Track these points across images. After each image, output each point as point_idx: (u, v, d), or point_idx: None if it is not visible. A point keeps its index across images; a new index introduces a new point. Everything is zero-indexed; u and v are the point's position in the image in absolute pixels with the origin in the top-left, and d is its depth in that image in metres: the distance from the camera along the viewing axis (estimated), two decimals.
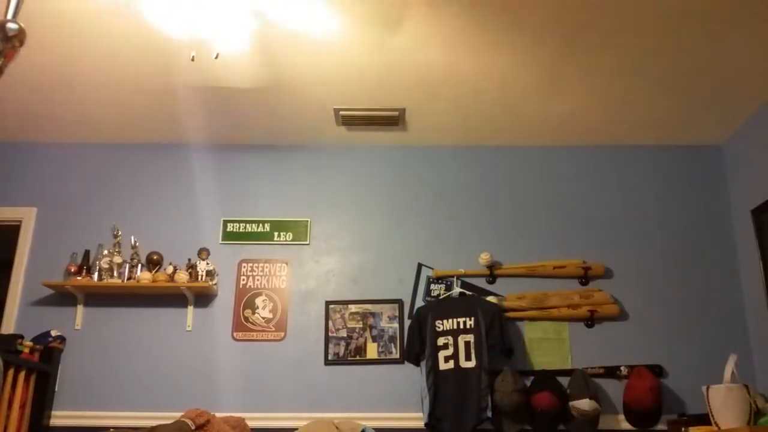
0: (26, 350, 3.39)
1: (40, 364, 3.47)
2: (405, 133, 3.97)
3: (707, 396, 2.95)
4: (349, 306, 3.77)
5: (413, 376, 3.61)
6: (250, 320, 3.75)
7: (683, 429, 3.18)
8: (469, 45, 3.10)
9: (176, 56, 3.16)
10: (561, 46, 3.10)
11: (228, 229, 3.92)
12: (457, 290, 3.74)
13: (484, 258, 3.74)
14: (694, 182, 4.00)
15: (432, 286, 3.81)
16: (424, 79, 3.39)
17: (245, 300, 3.79)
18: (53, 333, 3.60)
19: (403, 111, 3.70)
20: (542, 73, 3.32)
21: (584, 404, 3.34)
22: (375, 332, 3.71)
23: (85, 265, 3.72)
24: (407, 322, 3.70)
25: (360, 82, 3.43)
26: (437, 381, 3.51)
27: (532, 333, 3.71)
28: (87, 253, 3.77)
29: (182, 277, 3.65)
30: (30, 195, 3.95)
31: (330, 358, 3.68)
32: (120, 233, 3.78)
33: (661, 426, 3.44)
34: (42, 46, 3.10)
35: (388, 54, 3.17)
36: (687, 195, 3.97)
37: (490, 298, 3.69)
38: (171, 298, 3.73)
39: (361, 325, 3.73)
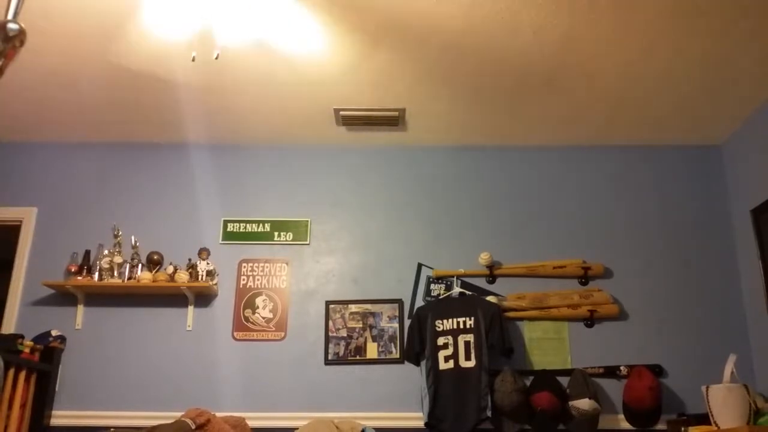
0: (26, 350, 3.39)
1: (41, 364, 3.47)
2: (405, 133, 3.97)
3: (707, 396, 2.95)
4: (349, 306, 3.77)
5: (413, 376, 3.62)
6: (251, 320, 3.76)
7: (683, 429, 3.18)
8: (467, 45, 3.10)
9: (176, 56, 3.16)
10: (560, 46, 3.10)
11: (228, 229, 3.92)
12: (457, 290, 3.74)
13: (484, 258, 3.74)
14: (694, 182, 4.00)
15: (432, 286, 3.81)
16: (424, 79, 3.40)
17: (245, 300, 3.79)
18: (53, 333, 3.60)
19: (403, 111, 3.71)
20: (541, 73, 3.33)
21: (584, 404, 3.34)
22: (375, 332, 3.72)
23: (86, 265, 3.72)
24: (407, 322, 3.70)
25: (359, 82, 3.43)
26: (437, 381, 3.51)
27: (532, 333, 3.71)
28: (87, 253, 3.78)
29: (182, 276, 3.65)
30: (30, 195, 3.96)
31: (330, 357, 3.68)
32: (120, 233, 3.78)
33: (660, 426, 3.44)
34: (42, 46, 3.11)
35: (388, 54, 3.17)
36: (687, 195, 3.97)
37: (490, 298, 3.69)
38: (171, 298, 3.74)
39: (361, 325, 3.73)
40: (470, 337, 3.56)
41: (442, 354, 3.56)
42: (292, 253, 3.89)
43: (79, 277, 3.68)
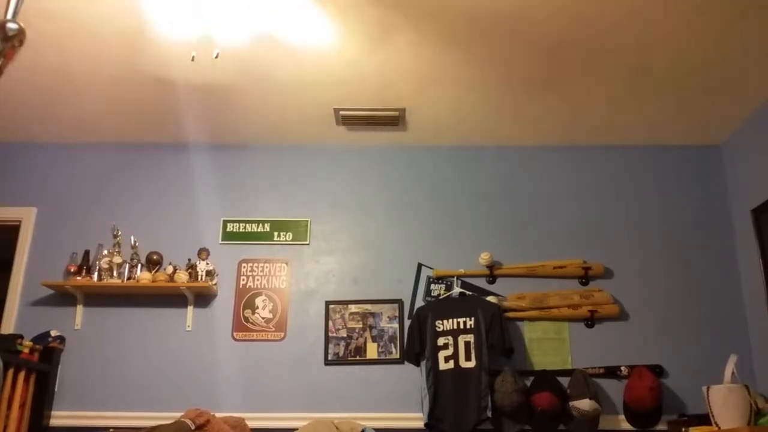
0: (26, 350, 3.39)
1: (40, 364, 3.46)
2: (405, 133, 3.96)
3: (707, 396, 2.95)
4: (349, 306, 3.77)
5: (413, 376, 3.61)
6: (250, 320, 3.75)
7: (683, 429, 3.18)
8: (468, 45, 3.10)
9: (176, 56, 3.16)
10: (558, 46, 3.10)
11: (228, 229, 3.92)
12: (457, 290, 3.74)
13: (484, 258, 3.74)
14: (694, 182, 4.00)
15: (432, 286, 3.81)
16: (424, 79, 3.39)
17: (245, 300, 3.79)
18: (53, 333, 3.59)
19: (403, 111, 3.70)
20: (542, 72, 3.32)
21: (584, 404, 3.34)
22: (375, 332, 3.71)
23: (85, 265, 3.72)
24: (407, 322, 3.70)
25: (360, 82, 3.43)
26: (437, 381, 3.51)
27: (532, 333, 3.71)
28: (87, 253, 3.77)
29: (182, 277, 3.65)
30: (30, 195, 3.95)
31: (330, 358, 3.68)
32: (120, 233, 3.78)
33: (661, 426, 3.44)
34: (42, 46, 3.10)
35: (388, 54, 3.17)
36: (687, 195, 3.97)
37: (490, 298, 3.69)
38: (171, 298, 3.73)
39: (361, 325, 3.72)
40: (470, 338, 3.55)
41: (442, 354, 3.56)
42: (292, 253, 3.89)
43: (78, 277, 3.67)
